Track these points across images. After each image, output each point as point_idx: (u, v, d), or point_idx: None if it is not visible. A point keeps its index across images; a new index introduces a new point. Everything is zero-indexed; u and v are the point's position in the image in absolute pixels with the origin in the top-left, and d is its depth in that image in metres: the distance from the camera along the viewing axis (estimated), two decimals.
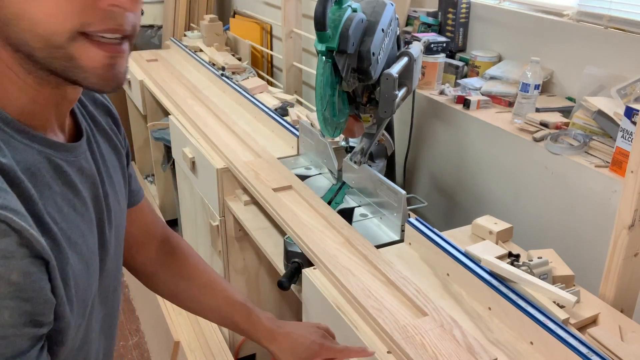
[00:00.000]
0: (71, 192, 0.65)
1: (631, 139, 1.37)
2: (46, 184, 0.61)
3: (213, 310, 1.01)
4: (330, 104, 1.40)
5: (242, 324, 1.02)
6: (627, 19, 1.67)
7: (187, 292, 1.00)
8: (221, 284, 1.02)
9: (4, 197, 0.52)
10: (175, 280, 0.99)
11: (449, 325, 1.12)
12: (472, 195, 1.90)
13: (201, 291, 1.00)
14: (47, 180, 0.61)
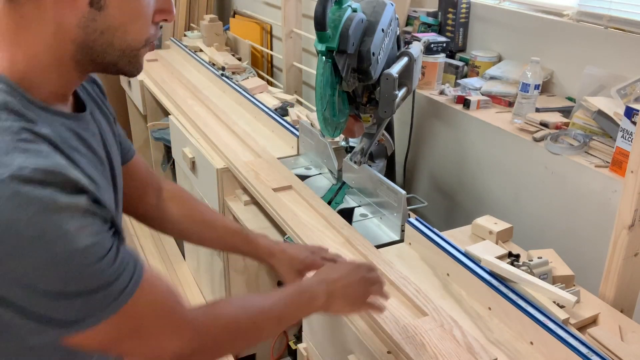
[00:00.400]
0: (92, 154, 0.77)
1: (631, 139, 1.37)
2: (75, 149, 0.73)
3: (216, 240, 1.16)
4: (330, 104, 1.40)
5: (243, 247, 1.16)
6: (627, 19, 1.67)
7: (190, 229, 1.14)
8: (218, 217, 1.19)
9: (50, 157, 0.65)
10: (179, 221, 1.12)
11: (449, 325, 1.12)
12: (472, 195, 1.90)
13: (203, 227, 1.14)
14: (75, 145, 0.73)
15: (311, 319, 1.39)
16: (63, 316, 0.66)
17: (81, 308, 0.67)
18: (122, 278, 0.70)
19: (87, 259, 0.65)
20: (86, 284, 0.66)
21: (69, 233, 0.64)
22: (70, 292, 0.65)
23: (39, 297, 0.65)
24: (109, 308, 0.69)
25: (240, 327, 0.86)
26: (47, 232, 0.62)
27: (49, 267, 0.63)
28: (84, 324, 0.68)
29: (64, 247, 0.64)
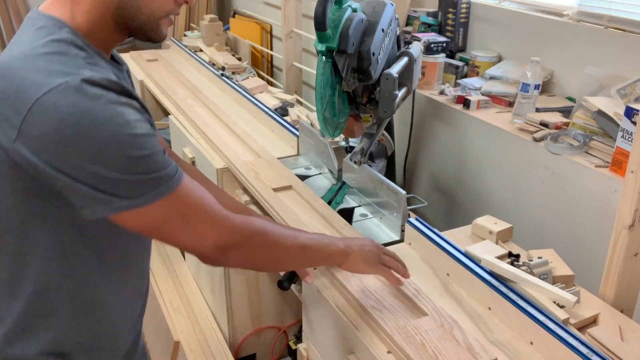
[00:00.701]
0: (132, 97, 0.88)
1: (631, 139, 1.37)
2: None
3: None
4: (330, 104, 1.40)
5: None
6: (627, 19, 1.67)
7: None
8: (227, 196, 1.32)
9: (110, 75, 0.83)
10: None
11: (449, 325, 1.12)
12: (472, 195, 1.90)
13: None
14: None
15: (311, 319, 1.39)
16: (122, 193, 0.79)
17: (138, 187, 0.80)
18: (170, 168, 0.84)
19: (146, 145, 0.80)
20: (144, 167, 0.80)
21: (131, 122, 0.79)
22: (131, 171, 0.79)
23: (104, 175, 0.78)
24: (161, 190, 0.82)
25: (269, 238, 0.98)
26: (114, 117, 0.78)
27: (115, 147, 0.78)
28: (139, 202, 0.81)
29: (128, 131, 0.78)
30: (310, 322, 1.40)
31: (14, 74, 0.79)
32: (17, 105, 0.77)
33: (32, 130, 0.77)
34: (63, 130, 0.76)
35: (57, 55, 0.81)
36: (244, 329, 2.12)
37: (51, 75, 0.78)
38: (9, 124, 0.78)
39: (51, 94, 0.76)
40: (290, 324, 2.16)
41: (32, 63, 0.79)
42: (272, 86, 2.86)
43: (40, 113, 0.76)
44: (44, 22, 0.86)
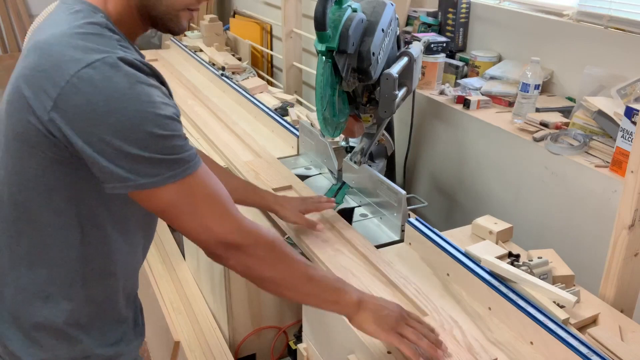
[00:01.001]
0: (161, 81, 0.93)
1: (631, 139, 1.37)
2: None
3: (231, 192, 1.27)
4: (330, 104, 1.40)
5: (253, 198, 1.39)
6: (627, 19, 1.67)
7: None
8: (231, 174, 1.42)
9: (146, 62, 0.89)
10: None
11: (449, 326, 1.12)
12: (472, 195, 1.90)
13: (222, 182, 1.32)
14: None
15: (311, 319, 1.39)
16: (140, 171, 0.83)
17: (156, 166, 0.84)
18: (189, 154, 0.87)
19: (168, 126, 0.84)
20: (163, 146, 0.84)
21: (156, 102, 0.84)
22: (150, 149, 0.83)
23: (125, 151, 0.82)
24: (176, 173, 0.86)
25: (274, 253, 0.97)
26: (142, 96, 0.83)
27: (139, 123, 0.82)
28: (154, 182, 0.85)
29: (152, 110, 0.83)
30: (310, 322, 1.40)
31: (53, 49, 0.84)
32: (55, 78, 0.82)
33: (68, 102, 0.81)
34: (95, 103, 0.81)
35: (93, 36, 0.86)
36: (244, 329, 2.12)
37: (88, 52, 0.83)
38: (47, 96, 0.82)
39: (88, 68, 0.81)
40: (290, 324, 2.16)
41: (71, 40, 0.85)
42: (272, 86, 2.86)
43: (76, 85, 0.81)
44: (80, 6, 0.92)
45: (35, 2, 4.11)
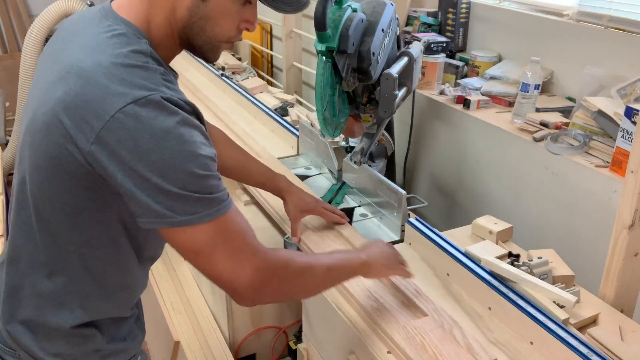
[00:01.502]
0: (200, 120, 0.95)
1: (631, 139, 1.37)
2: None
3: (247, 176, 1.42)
4: (330, 104, 1.40)
5: (268, 184, 1.43)
6: (627, 19, 1.67)
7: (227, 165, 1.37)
8: (250, 158, 1.43)
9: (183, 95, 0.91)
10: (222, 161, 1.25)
11: (449, 326, 1.12)
12: (472, 195, 1.90)
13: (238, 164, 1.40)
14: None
15: (311, 319, 1.39)
16: (177, 209, 0.84)
17: (193, 205, 0.85)
18: (223, 193, 0.89)
19: (207, 166, 0.86)
20: (201, 186, 0.85)
21: (197, 142, 0.86)
22: (189, 188, 0.84)
23: (164, 188, 0.83)
24: (212, 212, 0.87)
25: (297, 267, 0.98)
26: (184, 136, 0.84)
27: (179, 163, 0.83)
28: (190, 219, 0.85)
29: (193, 150, 0.85)
30: (310, 322, 1.40)
31: (98, 80, 0.84)
32: (100, 112, 0.82)
33: (111, 136, 0.82)
34: (139, 139, 0.82)
35: (138, 69, 0.86)
36: (244, 329, 2.12)
37: (135, 88, 0.83)
38: (90, 128, 0.83)
39: (134, 105, 0.82)
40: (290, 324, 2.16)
41: (117, 72, 0.84)
42: (272, 86, 2.86)
43: (121, 121, 0.81)
44: (123, 29, 0.91)
45: (36, 2, 4.11)
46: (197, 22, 0.93)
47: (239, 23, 0.98)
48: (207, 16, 0.93)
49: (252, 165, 1.42)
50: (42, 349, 1.01)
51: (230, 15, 0.95)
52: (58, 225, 0.94)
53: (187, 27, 0.94)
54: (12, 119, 3.77)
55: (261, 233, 1.75)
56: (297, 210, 1.41)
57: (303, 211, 1.42)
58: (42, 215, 0.95)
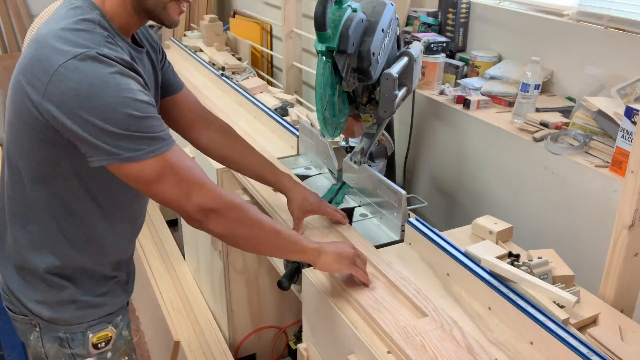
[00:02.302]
0: (138, 74, 1.04)
1: (631, 139, 1.37)
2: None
3: (250, 169, 1.44)
4: (330, 104, 1.40)
5: (269, 177, 1.43)
6: (627, 19, 1.67)
7: (229, 156, 1.43)
8: (253, 151, 1.44)
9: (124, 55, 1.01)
10: (221, 149, 1.42)
11: (448, 326, 1.12)
12: (472, 195, 1.90)
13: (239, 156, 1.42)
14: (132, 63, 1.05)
15: (311, 319, 1.39)
16: (122, 146, 0.95)
17: (136, 143, 0.96)
18: (165, 133, 1.00)
19: (145, 109, 0.97)
20: (142, 126, 0.96)
21: (134, 89, 0.97)
22: (130, 129, 0.95)
23: (108, 130, 0.94)
24: (155, 148, 0.98)
25: (248, 215, 1.08)
26: (121, 84, 0.95)
27: (119, 107, 0.94)
28: (136, 156, 0.97)
29: (130, 96, 0.96)
30: (310, 322, 1.40)
31: (47, 42, 0.97)
32: (46, 68, 0.95)
33: (56, 88, 0.94)
34: (79, 89, 0.93)
35: (83, 32, 0.98)
36: (244, 329, 2.12)
37: (76, 46, 0.95)
38: (40, 83, 0.95)
39: (74, 60, 0.94)
40: (290, 324, 2.16)
41: (62, 35, 0.97)
42: (272, 86, 2.86)
43: (63, 74, 0.93)
44: (80, 2, 1.04)
45: (35, 2, 4.11)
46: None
47: None
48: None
49: (255, 158, 1.43)
50: (26, 296, 1.16)
51: None
52: (25, 176, 1.08)
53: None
54: None
55: None
56: (300, 210, 1.41)
57: (307, 211, 1.42)
58: (13, 168, 1.10)
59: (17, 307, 1.19)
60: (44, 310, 1.16)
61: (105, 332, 1.22)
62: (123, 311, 1.27)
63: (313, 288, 1.31)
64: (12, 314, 1.22)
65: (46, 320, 1.17)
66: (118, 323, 1.25)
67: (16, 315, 1.21)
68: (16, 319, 1.21)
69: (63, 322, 1.18)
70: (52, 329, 1.18)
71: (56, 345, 1.19)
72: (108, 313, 1.22)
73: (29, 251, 1.14)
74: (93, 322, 1.20)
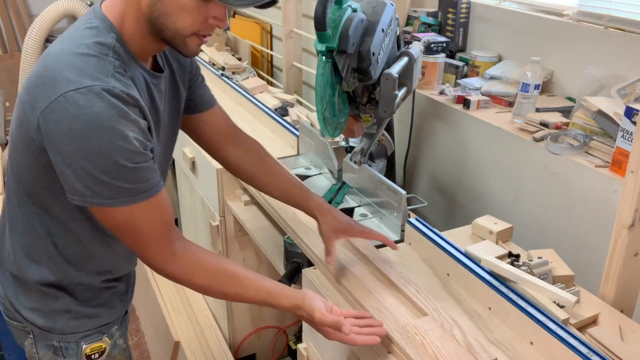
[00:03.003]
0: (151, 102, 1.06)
1: (631, 139, 1.37)
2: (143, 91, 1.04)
3: (279, 191, 1.37)
4: (330, 104, 1.40)
5: (299, 199, 1.35)
6: (627, 19, 1.67)
7: (257, 177, 1.38)
8: (283, 171, 1.39)
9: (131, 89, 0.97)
10: (249, 169, 1.38)
11: (449, 325, 1.12)
12: (472, 195, 1.90)
13: (268, 177, 1.37)
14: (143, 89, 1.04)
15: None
16: (98, 192, 0.94)
17: (112, 192, 0.95)
18: (147, 184, 0.98)
19: (135, 159, 0.94)
20: (126, 176, 0.94)
21: (129, 136, 0.93)
22: (112, 176, 0.93)
23: (89, 172, 0.92)
24: (128, 199, 0.96)
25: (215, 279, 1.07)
26: (116, 129, 0.92)
27: (108, 153, 0.92)
28: (108, 203, 0.96)
29: (122, 144, 0.93)
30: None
31: (55, 65, 0.94)
32: (48, 93, 0.92)
33: (52, 117, 0.92)
34: (74, 125, 0.90)
35: (93, 58, 0.95)
36: (244, 329, 2.12)
37: (82, 76, 0.92)
38: (39, 106, 0.93)
39: (75, 92, 0.91)
40: (290, 324, 2.16)
41: (72, 61, 0.94)
42: (272, 86, 2.86)
43: (62, 104, 0.91)
44: (97, 22, 1.00)
45: (36, 2, 4.11)
46: (158, 19, 0.98)
47: (207, 18, 1.00)
48: (165, 12, 0.97)
49: (284, 181, 1.37)
50: (20, 302, 1.16)
51: (189, 10, 0.97)
52: (23, 190, 1.08)
53: (152, 23, 0.99)
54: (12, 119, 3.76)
55: (261, 233, 1.76)
56: (330, 230, 1.30)
57: (337, 231, 1.29)
58: (14, 178, 1.09)
59: (12, 313, 1.18)
60: (37, 319, 1.15)
61: (99, 343, 1.21)
62: (120, 320, 1.26)
63: (313, 288, 1.31)
64: (7, 319, 1.21)
65: (40, 328, 1.16)
66: (113, 333, 1.24)
67: (11, 320, 1.20)
68: (11, 324, 1.20)
69: (57, 331, 1.17)
70: (46, 337, 1.17)
71: (50, 353, 1.19)
72: (103, 324, 1.21)
73: (24, 261, 1.13)
74: (87, 333, 1.19)
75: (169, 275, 1.06)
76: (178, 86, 1.20)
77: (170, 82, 1.17)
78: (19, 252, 1.13)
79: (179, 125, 1.26)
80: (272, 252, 1.66)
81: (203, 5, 0.97)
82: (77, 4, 3.62)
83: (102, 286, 1.20)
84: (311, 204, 1.34)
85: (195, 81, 1.27)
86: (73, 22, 3.82)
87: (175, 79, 1.19)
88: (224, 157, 1.38)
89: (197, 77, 1.28)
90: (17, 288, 1.16)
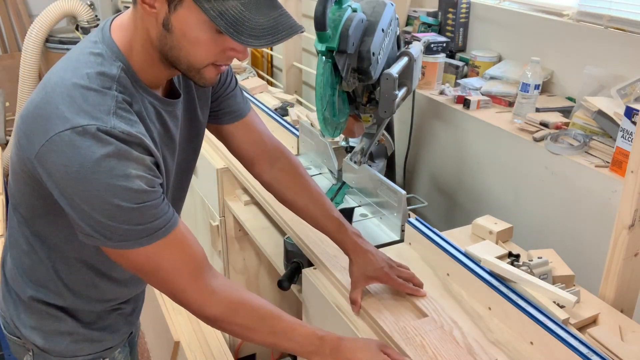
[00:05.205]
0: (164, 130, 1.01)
1: (631, 139, 1.37)
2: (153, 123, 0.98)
3: (312, 218, 1.28)
4: (330, 104, 1.40)
5: (334, 233, 1.25)
6: (627, 19, 1.67)
7: (293, 201, 1.29)
8: (321, 199, 1.28)
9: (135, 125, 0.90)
10: (286, 191, 1.28)
11: (449, 326, 1.12)
12: (472, 195, 1.90)
13: (305, 203, 1.27)
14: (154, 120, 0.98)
15: (311, 319, 1.39)
16: (106, 235, 0.88)
17: (122, 235, 0.88)
18: (159, 221, 0.91)
19: (138, 198, 0.87)
20: (131, 218, 0.88)
21: (130, 175, 0.86)
22: (117, 220, 0.87)
23: (93, 216, 0.87)
24: (142, 241, 0.90)
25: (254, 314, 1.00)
26: (114, 169, 0.85)
27: (107, 196, 0.85)
28: (120, 245, 0.90)
29: (122, 184, 0.86)
30: (310, 322, 1.40)
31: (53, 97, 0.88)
32: (43, 129, 0.86)
33: (48, 157, 0.86)
34: (70, 167, 0.85)
35: (94, 93, 0.88)
36: None
37: (79, 114, 0.86)
38: (35, 142, 0.87)
39: (71, 132, 0.85)
40: None
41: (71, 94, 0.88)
42: (272, 86, 2.86)
43: (57, 144, 0.85)
44: (103, 49, 0.93)
45: (36, 2, 4.11)
46: (170, 52, 0.92)
47: (225, 50, 0.92)
48: (176, 46, 0.91)
49: (320, 210, 1.27)
50: (20, 319, 1.11)
51: (202, 43, 0.90)
52: (21, 216, 1.03)
53: (163, 55, 0.93)
54: (12, 119, 3.76)
55: (261, 233, 1.76)
56: (361, 274, 1.20)
57: (369, 277, 1.21)
58: (12, 202, 1.04)
59: (12, 328, 1.14)
60: (37, 338, 1.11)
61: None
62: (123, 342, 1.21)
63: (313, 288, 1.31)
64: (7, 333, 1.16)
65: (39, 347, 1.12)
66: (115, 357, 1.19)
67: (10, 335, 1.15)
68: (10, 339, 1.15)
69: (56, 354, 1.12)
70: (45, 357, 1.13)
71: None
72: (106, 348, 1.16)
73: (25, 282, 1.09)
74: (88, 357, 1.14)
75: (209, 316, 0.98)
76: (196, 107, 1.12)
77: (187, 106, 1.10)
78: (20, 272, 1.09)
79: (198, 149, 1.20)
80: (272, 252, 1.66)
81: (219, 38, 0.89)
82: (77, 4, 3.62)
83: (107, 309, 1.15)
84: (346, 240, 1.24)
85: (225, 90, 1.19)
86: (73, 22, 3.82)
87: (192, 100, 1.11)
88: (258, 175, 1.29)
89: (226, 86, 1.19)
90: (18, 305, 1.11)
